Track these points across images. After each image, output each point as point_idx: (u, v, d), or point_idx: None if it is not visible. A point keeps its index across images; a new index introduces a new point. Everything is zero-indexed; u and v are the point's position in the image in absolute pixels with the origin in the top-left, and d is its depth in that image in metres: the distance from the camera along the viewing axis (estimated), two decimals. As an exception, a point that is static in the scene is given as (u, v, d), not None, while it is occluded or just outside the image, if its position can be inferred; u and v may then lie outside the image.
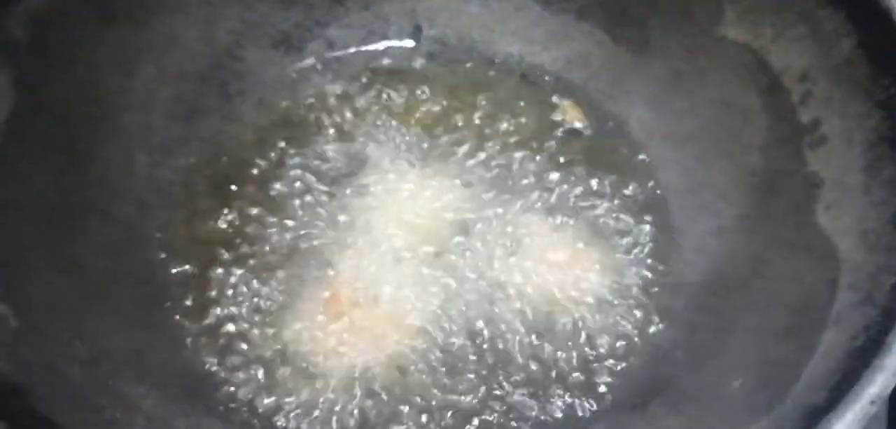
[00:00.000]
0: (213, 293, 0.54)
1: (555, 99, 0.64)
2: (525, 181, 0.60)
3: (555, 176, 0.60)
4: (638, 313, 0.55)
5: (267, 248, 0.56)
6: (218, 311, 0.53)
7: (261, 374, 0.51)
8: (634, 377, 0.52)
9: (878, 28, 0.49)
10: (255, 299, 0.54)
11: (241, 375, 0.51)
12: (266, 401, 0.50)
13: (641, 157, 0.62)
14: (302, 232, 0.57)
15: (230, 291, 0.54)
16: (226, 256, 0.55)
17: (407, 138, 0.62)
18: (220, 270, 0.55)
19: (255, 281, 0.54)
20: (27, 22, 0.51)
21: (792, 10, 0.54)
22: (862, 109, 0.50)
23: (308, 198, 0.58)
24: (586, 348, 0.53)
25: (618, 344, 0.53)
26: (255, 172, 0.60)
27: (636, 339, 0.54)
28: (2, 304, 0.43)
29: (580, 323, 0.54)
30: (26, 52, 0.51)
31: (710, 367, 0.50)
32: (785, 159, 0.54)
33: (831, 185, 0.51)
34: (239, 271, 0.55)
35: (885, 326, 0.40)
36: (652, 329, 0.54)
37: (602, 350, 0.53)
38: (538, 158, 0.61)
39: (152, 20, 0.59)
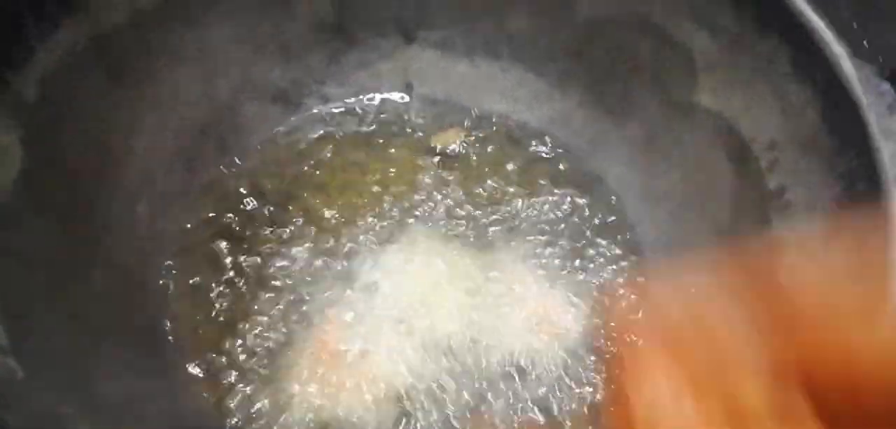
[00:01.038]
0: (211, 342, 0.56)
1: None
2: (506, 239, 0.63)
3: (539, 237, 0.63)
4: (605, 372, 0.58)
5: (263, 297, 0.59)
6: (215, 359, 0.56)
7: (260, 422, 0.54)
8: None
9: (840, 106, 0.52)
10: (253, 348, 0.56)
11: (238, 421, 0.54)
12: (262, 448, 0.53)
13: (618, 212, 0.65)
14: (297, 283, 0.59)
15: (227, 340, 0.56)
16: (223, 305, 0.58)
17: (399, 193, 0.65)
18: (218, 319, 0.57)
19: (251, 330, 0.57)
20: (37, 83, 0.53)
21: (762, 83, 0.57)
22: (824, 179, 0.53)
23: (304, 249, 0.61)
24: (555, 402, 0.56)
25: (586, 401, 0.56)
26: (252, 223, 0.62)
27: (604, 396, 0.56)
28: (10, 357, 0.45)
29: (552, 374, 0.57)
30: (35, 111, 0.53)
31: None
32: (752, 222, 0.57)
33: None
34: (238, 319, 0.57)
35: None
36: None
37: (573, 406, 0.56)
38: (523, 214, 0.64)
39: (156, 76, 0.61)
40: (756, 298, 0.38)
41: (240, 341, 0.57)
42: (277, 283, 0.59)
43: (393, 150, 0.67)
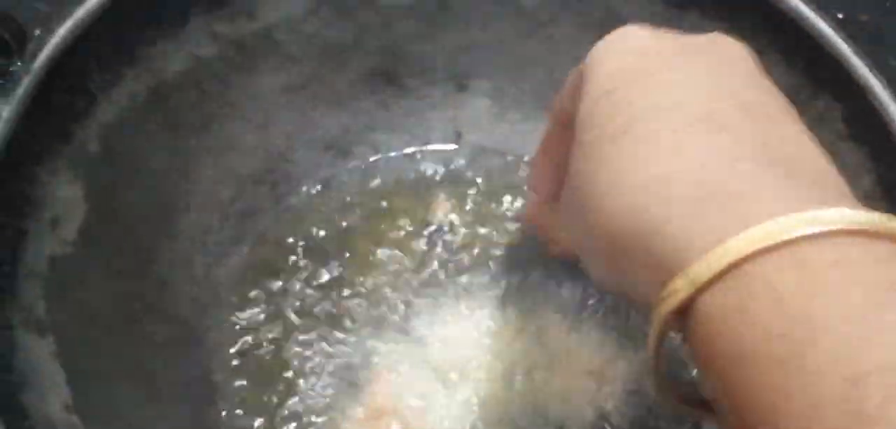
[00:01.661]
0: (264, 397, 0.57)
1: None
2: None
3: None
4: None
5: (314, 350, 0.59)
6: (270, 409, 0.57)
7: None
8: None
9: (896, 168, 0.51)
10: (305, 402, 0.57)
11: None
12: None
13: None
14: (349, 338, 0.60)
15: (281, 390, 0.57)
16: (275, 355, 0.59)
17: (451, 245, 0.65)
18: (269, 369, 0.58)
19: (303, 383, 0.58)
20: (99, 134, 0.55)
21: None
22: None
23: (356, 300, 0.62)
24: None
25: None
26: (305, 271, 0.63)
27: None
28: (74, 415, 0.47)
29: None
30: (97, 163, 0.55)
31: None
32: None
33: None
34: (289, 371, 0.58)
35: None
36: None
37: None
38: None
39: (212, 126, 0.62)
40: None
41: (293, 396, 0.57)
42: (329, 335, 0.60)
43: (442, 198, 0.67)
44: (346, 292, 0.62)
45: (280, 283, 0.62)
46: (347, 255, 0.64)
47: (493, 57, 0.68)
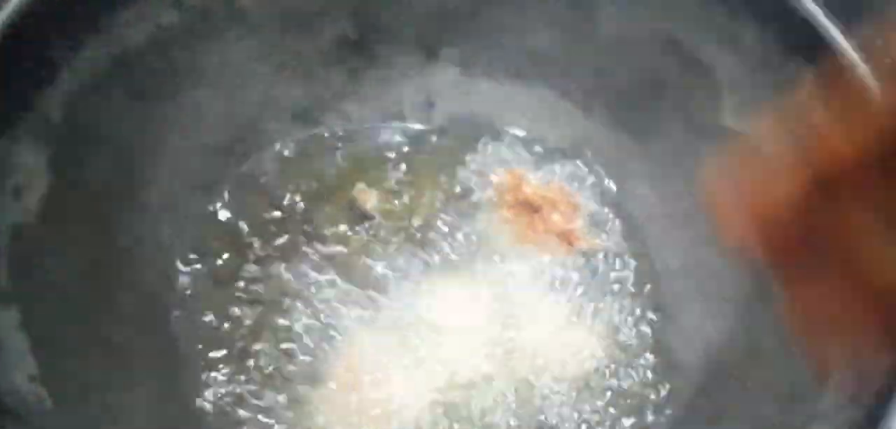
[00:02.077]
0: (235, 365, 0.56)
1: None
2: (520, 261, 0.63)
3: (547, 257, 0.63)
4: (636, 394, 0.58)
5: (288, 319, 0.59)
6: (240, 383, 0.56)
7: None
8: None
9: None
10: (277, 372, 0.56)
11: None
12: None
13: (640, 235, 0.65)
14: (321, 305, 0.59)
15: (251, 363, 0.57)
16: (248, 326, 0.58)
17: (420, 214, 0.65)
18: (241, 343, 0.57)
19: (275, 353, 0.57)
20: (62, 103, 0.54)
21: (788, 103, 0.57)
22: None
23: (326, 270, 0.61)
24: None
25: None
26: (276, 242, 0.62)
27: (636, 423, 0.57)
28: (39, 384, 0.46)
29: (574, 404, 0.57)
30: (60, 133, 0.53)
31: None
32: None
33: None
34: (260, 345, 0.57)
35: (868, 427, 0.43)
36: (650, 414, 0.57)
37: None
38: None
39: (178, 96, 0.61)
40: None
41: (261, 366, 0.57)
42: (303, 304, 0.59)
43: (414, 169, 0.67)
44: (315, 266, 0.61)
45: (252, 254, 0.62)
46: (316, 223, 0.63)
47: (462, 24, 0.67)
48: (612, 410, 0.57)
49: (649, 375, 0.59)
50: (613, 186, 0.67)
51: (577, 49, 0.66)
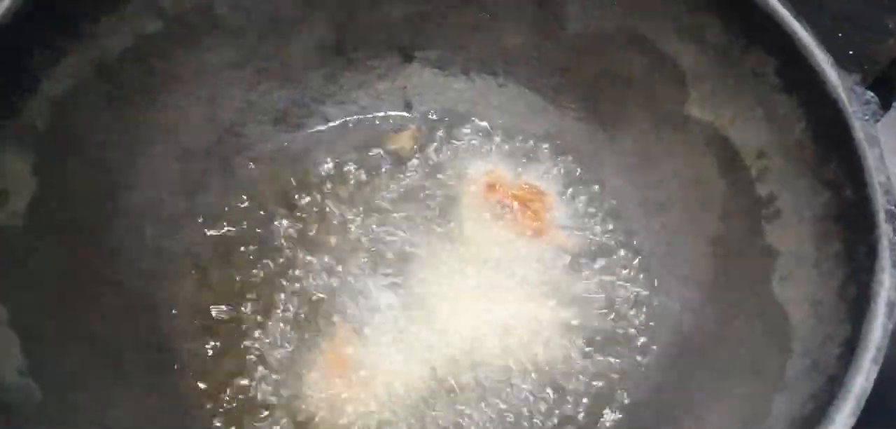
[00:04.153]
0: (220, 360, 0.58)
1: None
2: (504, 252, 0.65)
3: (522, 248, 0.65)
4: (614, 375, 0.60)
5: (269, 315, 0.60)
6: (224, 375, 0.57)
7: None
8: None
9: (825, 114, 0.53)
10: (261, 364, 0.58)
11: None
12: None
13: (613, 224, 0.67)
14: (303, 298, 0.61)
15: (236, 358, 0.58)
16: (230, 322, 0.60)
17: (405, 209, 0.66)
18: (225, 337, 0.59)
19: (260, 348, 0.58)
20: (45, 111, 0.55)
21: (750, 94, 0.59)
22: (811, 186, 0.55)
23: (307, 267, 0.62)
24: (558, 408, 0.58)
25: (591, 403, 0.58)
26: (257, 242, 0.64)
27: (609, 398, 0.58)
28: (29, 378, 0.47)
29: (564, 387, 0.59)
30: (44, 140, 0.55)
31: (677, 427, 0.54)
32: (744, 231, 0.59)
33: (786, 257, 0.55)
34: (245, 341, 0.59)
35: (830, 394, 0.44)
36: (624, 391, 0.59)
37: (580, 412, 0.58)
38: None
39: (159, 101, 0.62)
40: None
41: (249, 358, 0.58)
42: (286, 299, 0.61)
43: (395, 168, 0.68)
44: (299, 264, 0.63)
45: (235, 254, 0.63)
46: (300, 225, 0.65)
47: (435, 27, 0.69)
48: (586, 389, 0.59)
49: (623, 355, 0.60)
50: (586, 177, 0.69)
51: (546, 47, 0.68)
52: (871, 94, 0.53)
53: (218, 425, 0.56)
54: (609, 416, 0.58)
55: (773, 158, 0.58)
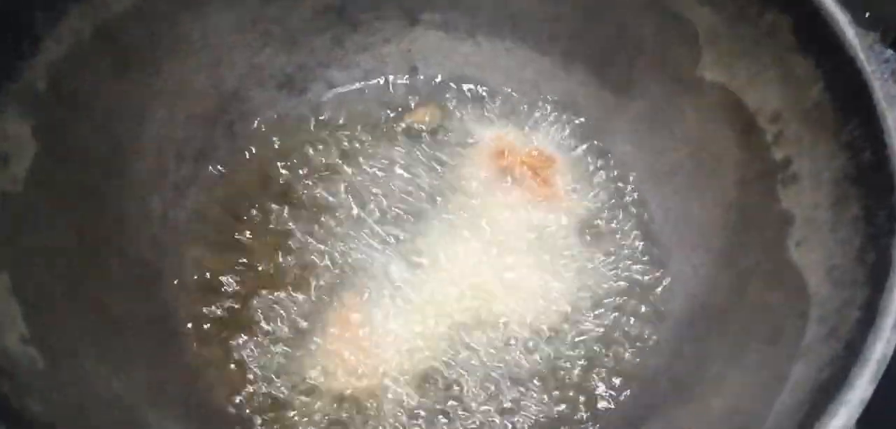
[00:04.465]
0: (226, 327, 0.57)
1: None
2: (512, 218, 0.64)
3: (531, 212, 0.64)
4: (624, 343, 0.59)
5: (276, 281, 0.59)
6: (231, 343, 0.57)
7: (274, 406, 0.55)
8: (623, 407, 0.56)
9: (843, 74, 0.52)
10: (267, 331, 0.57)
11: (255, 405, 0.55)
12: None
13: (624, 190, 0.66)
14: (309, 264, 0.60)
15: (242, 325, 0.57)
16: (237, 289, 0.59)
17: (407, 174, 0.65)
18: (231, 304, 0.58)
19: (266, 314, 0.58)
20: (46, 73, 0.54)
21: (765, 54, 0.58)
22: (829, 149, 0.53)
23: (314, 232, 0.62)
24: (570, 380, 0.57)
25: (606, 374, 0.57)
26: (262, 207, 0.63)
27: (623, 368, 0.58)
28: (31, 346, 0.46)
29: (567, 354, 0.58)
30: (46, 102, 0.54)
31: (691, 396, 0.53)
32: (759, 196, 0.58)
33: (801, 222, 0.54)
34: (251, 305, 0.58)
35: (848, 360, 0.44)
36: (637, 359, 0.58)
37: (592, 382, 0.57)
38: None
39: (164, 67, 0.61)
40: None
41: (255, 325, 0.57)
42: (291, 265, 0.60)
43: (400, 132, 0.67)
44: (305, 229, 0.62)
45: (241, 220, 0.62)
46: (306, 190, 0.64)
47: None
48: (596, 356, 0.58)
49: (635, 322, 0.59)
50: (596, 142, 0.68)
51: (555, 9, 0.66)
52: (891, 52, 0.51)
53: (223, 392, 0.55)
54: (620, 385, 0.57)
55: (789, 120, 0.57)
